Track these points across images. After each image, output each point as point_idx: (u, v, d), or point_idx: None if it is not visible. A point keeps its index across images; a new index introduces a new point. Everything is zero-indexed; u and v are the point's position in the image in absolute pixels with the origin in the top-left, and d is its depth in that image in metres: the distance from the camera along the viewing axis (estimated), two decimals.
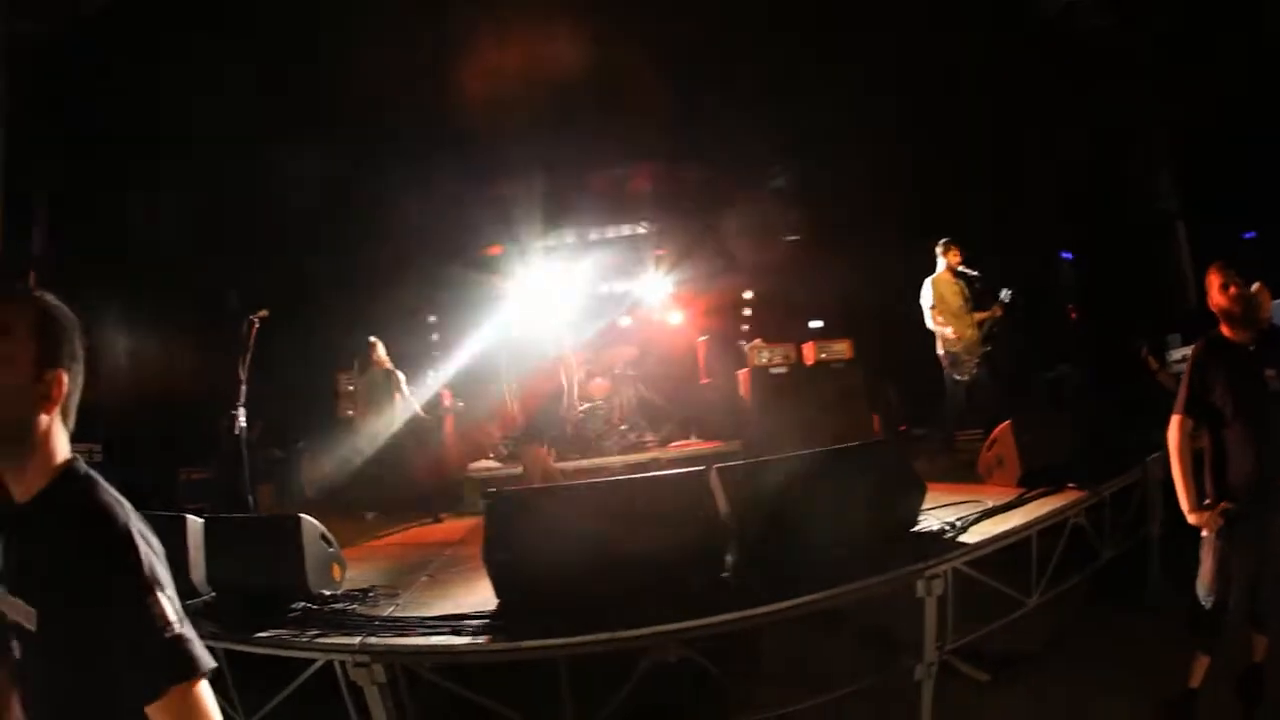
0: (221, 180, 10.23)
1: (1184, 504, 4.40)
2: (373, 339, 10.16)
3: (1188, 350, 5.83)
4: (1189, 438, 4.42)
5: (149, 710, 1.61)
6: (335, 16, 8.81)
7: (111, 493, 1.80)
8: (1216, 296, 4.46)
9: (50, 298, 1.91)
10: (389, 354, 10.24)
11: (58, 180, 9.76)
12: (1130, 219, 10.01)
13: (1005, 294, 8.94)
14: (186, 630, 1.67)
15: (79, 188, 9.92)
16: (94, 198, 10.09)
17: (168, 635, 1.64)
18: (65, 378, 1.87)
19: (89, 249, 10.09)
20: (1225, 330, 4.47)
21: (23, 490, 1.80)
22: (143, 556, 1.68)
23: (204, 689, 1.66)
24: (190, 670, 1.64)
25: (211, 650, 4.29)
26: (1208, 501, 4.36)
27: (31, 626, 1.69)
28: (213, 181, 10.21)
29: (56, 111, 8.90)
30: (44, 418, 1.82)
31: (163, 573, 1.71)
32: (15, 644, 1.75)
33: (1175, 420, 4.45)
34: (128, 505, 1.79)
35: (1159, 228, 9.94)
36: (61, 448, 1.85)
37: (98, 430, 9.04)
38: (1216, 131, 9.13)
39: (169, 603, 1.67)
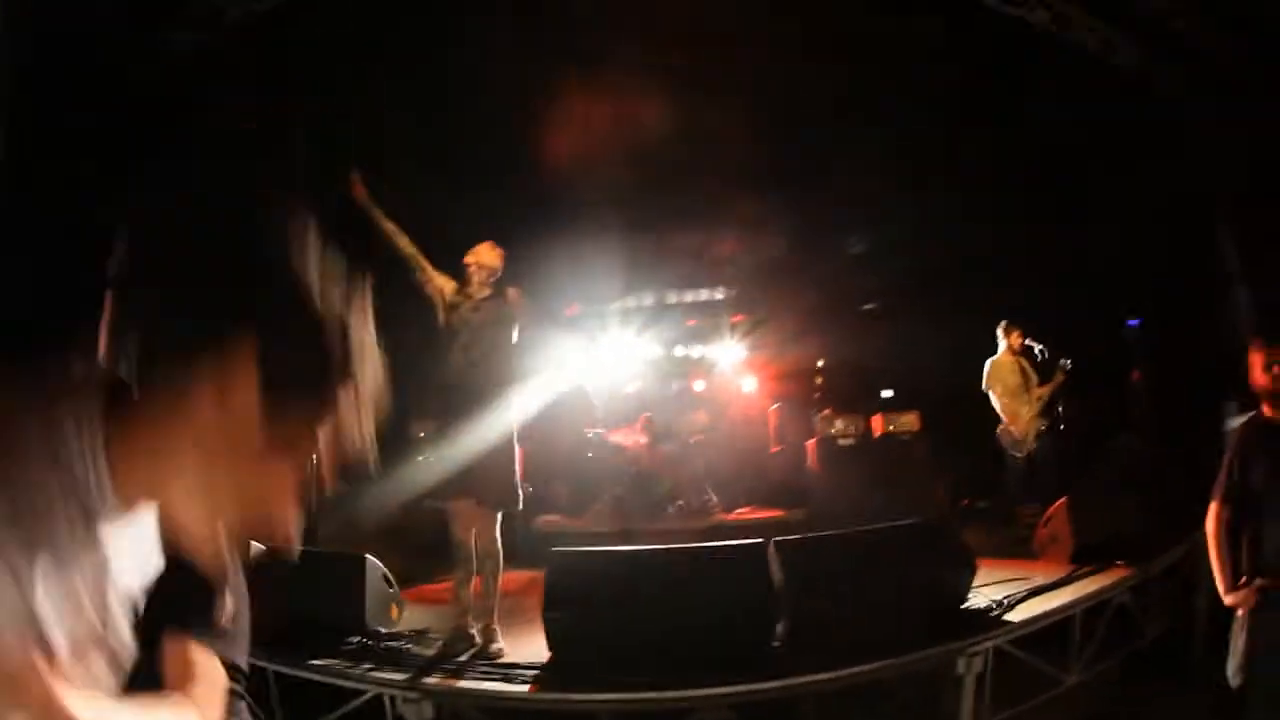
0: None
1: (1220, 585, 4.21)
2: None
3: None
4: (1225, 523, 4.22)
5: None
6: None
7: None
8: (1259, 376, 4.21)
9: None
10: None
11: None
12: (1193, 283, 9.84)
13: (1065, 363, 9.11)
14: None
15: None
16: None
17: None
18: None
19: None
20: (1267, 410, 4.23)
21: None
22: None
23: None
24: None
25: (263, 672, 4.34)
26: (1243, 580, 4.16)
27: None
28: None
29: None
30: None
31: None
32: None
33: (1213, 507, 4.27)
34: None
35: (1221, 291, 9.77)
36: None
37: None
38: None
39: None
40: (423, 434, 10.84)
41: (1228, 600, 4.21)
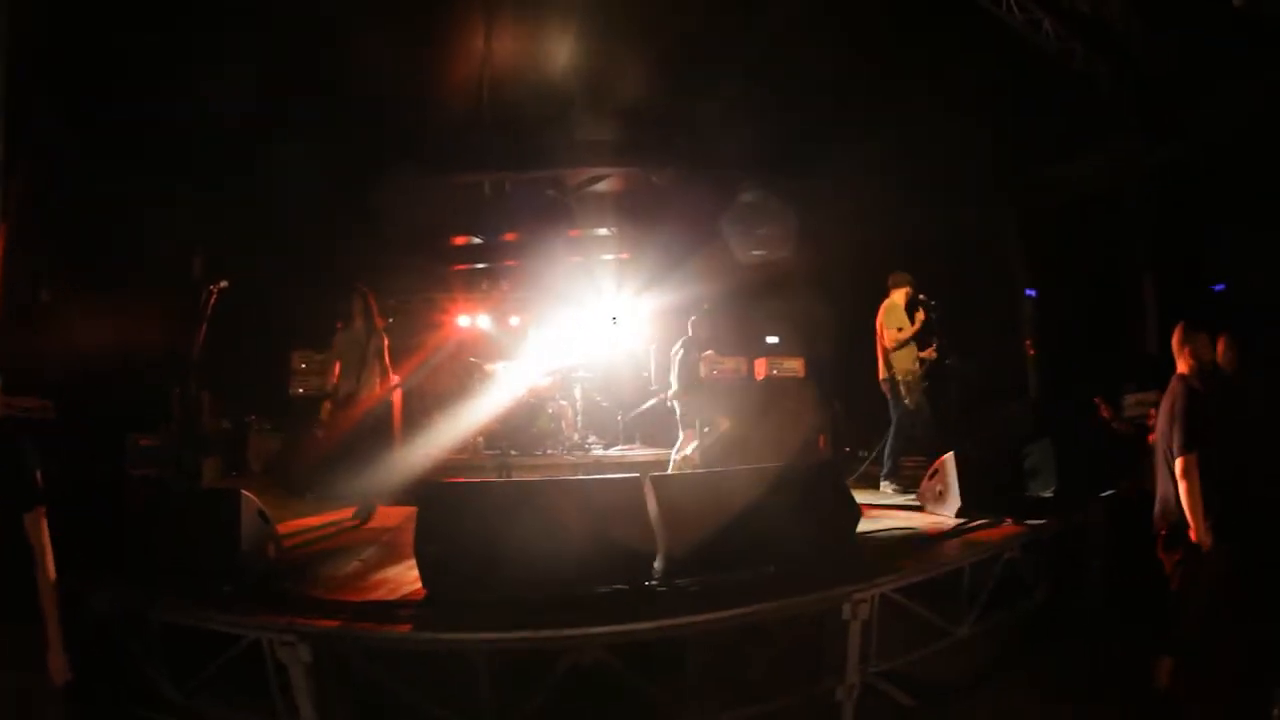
0: (195, 151, 10.14)
1: (1200, 526, 4.77)
2: (363, 288, 8.49)
3: (1144, 397, 6.16)
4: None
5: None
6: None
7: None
8: (1204, 353, 5.09)
9: None
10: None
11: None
12: (1099, 266, 10.20)
13: (932, 303, 9.01)
14: None
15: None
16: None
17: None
18: None
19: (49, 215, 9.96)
20: (1195, 381, 4.99)
21: None
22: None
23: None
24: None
25: (144, 618, 4.32)
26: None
27: None
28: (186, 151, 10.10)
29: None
30: None
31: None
32: None
33: (1192, 458, 4.83)
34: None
35: (1128, 277, 10.12)
36: None
37: (53, 391, 8.87)
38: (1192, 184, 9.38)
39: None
40: None
41: (1206, 540, 4.80)
